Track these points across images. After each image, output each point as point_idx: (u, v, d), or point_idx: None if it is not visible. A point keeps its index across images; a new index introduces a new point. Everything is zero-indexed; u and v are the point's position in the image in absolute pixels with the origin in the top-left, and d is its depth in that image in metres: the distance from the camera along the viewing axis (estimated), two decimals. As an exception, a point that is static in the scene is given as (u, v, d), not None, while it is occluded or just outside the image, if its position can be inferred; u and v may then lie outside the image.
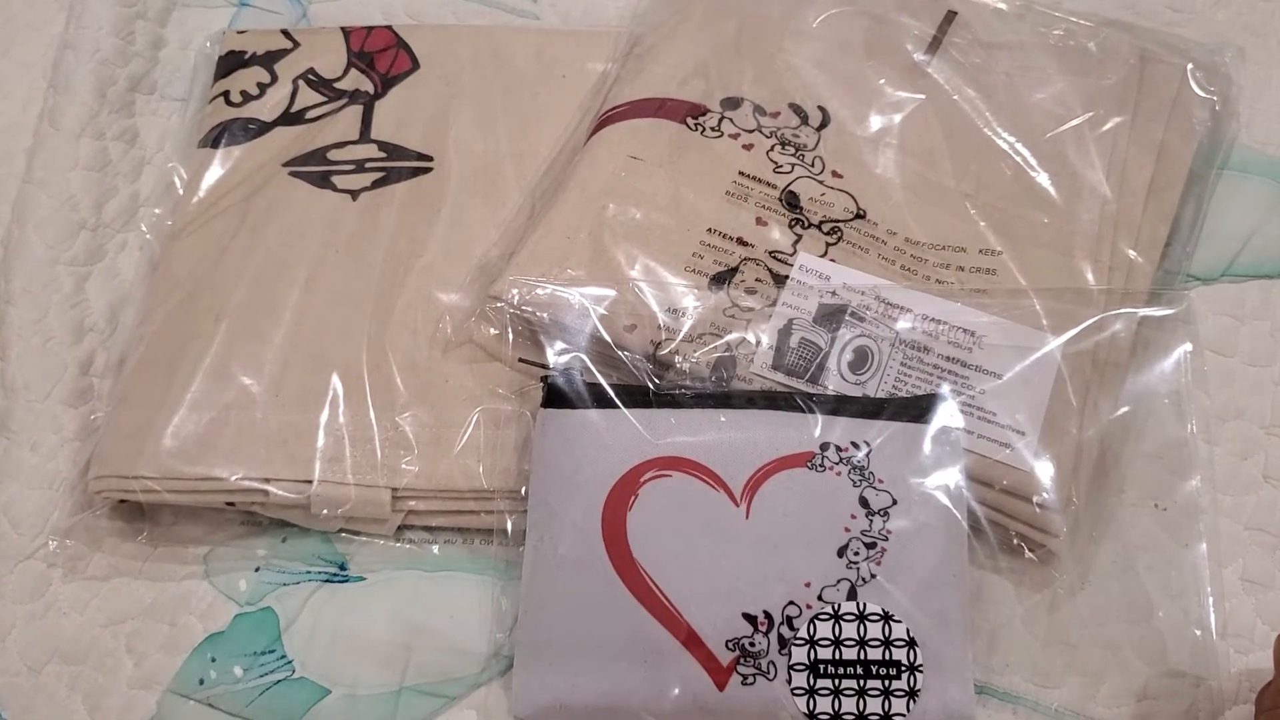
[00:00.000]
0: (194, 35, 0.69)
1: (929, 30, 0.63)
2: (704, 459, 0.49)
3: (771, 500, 0.49)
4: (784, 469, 0.49)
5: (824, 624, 0.47)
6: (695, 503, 0.49)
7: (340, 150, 0.62)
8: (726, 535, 0.48)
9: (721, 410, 0.51)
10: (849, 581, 0.48)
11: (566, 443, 0.50)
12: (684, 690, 0.47)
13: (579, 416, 0.50)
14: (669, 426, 0.50)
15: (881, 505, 0.49)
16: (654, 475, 0.49)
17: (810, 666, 0.47)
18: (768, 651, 0.47)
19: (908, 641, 0.47)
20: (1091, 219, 0.57)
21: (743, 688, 0.47)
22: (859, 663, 0.47)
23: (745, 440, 0.50)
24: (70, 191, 0.61)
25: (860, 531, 0.48)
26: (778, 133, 0.60)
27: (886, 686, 0.47)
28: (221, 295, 0.57)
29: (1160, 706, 0.51)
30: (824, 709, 0.47)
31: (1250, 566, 0.53)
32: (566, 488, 0.49)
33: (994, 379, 0.53)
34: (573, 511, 0.49)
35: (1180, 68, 0.61)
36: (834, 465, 0.49)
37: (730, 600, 0.47)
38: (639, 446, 0.50)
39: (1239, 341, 0.58)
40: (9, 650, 0.53)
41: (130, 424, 0.54)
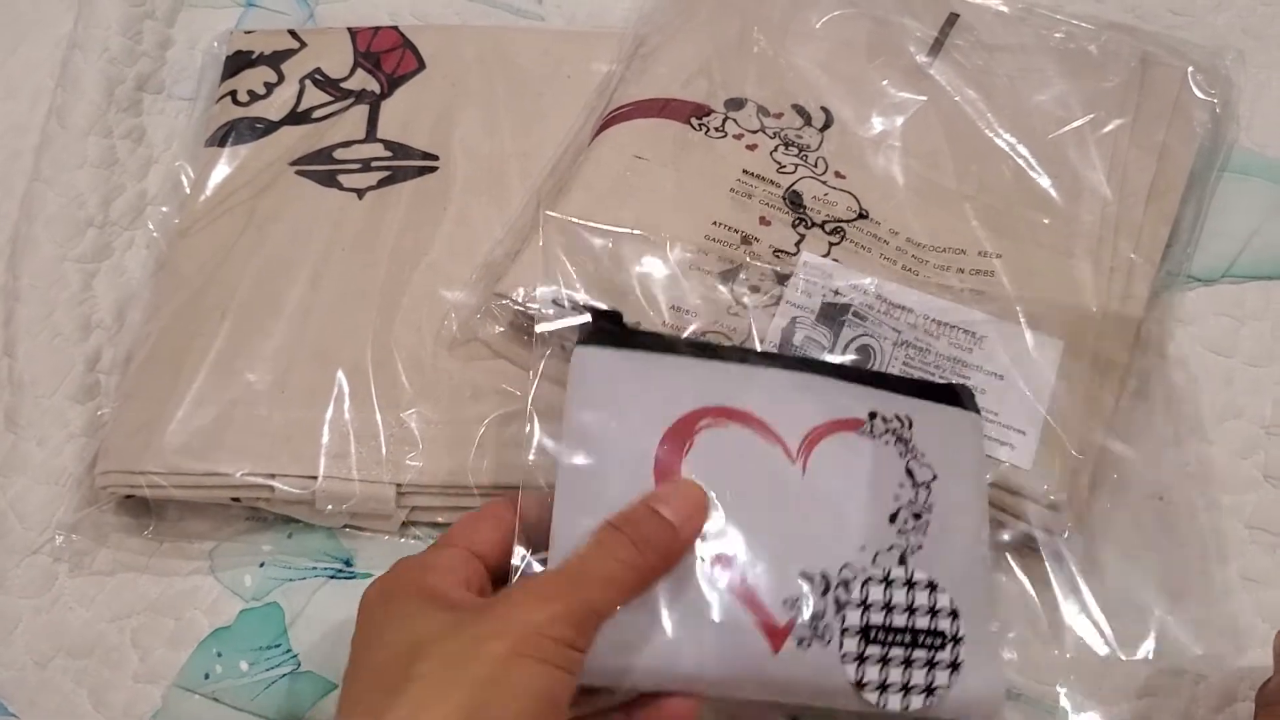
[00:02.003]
0: (201, 35, 0.69)
1: (931, 32, 0.63)
2: (759, 412, 0.46)
3: (828, 460, 0.46)
4: (838, 431, 0.47)
5: (877, 588, 0.45)
6: (753, 454, 0.46)
7: (346, 149, 0.62)
8: (784, 491, 0.46)
9: (770, 368, 0.49)
10: (899, 549, 0.46)
11: (611, 384, 0.47)
12: (738, 651, 0.43)
13: (629, 356, 0.47)
14: (718, 377, 0.47)
15: (924, 479, 0.48)
16: (710, 422, 0.46)
17: (862, 631, 0.44)
18: (824, 614, 0.44)
19: (952, 612, 0.46)
20: (1092, 220, 0.57)
21: (798, 650, 0.44)
22: (907, 630, 0.45)
23: (798, 399, 0.48)
24: (78, 189, 0.62)
25: (908, 501, 0.47)
26: (781, 133, 0.60)
27: (931, 657, 0.45)
28: (228, 292, 0.57)
29: (1160, 703, 0.51)
30: (871, 677, 0.44)
31: (1250, 565, 0.54)
32: (613, 431, 0.45)
33: (994, 379, 0.53)
34: (620, 455, 0.45)
35: (1181, 70, 0.62)
36: (882, 434, 0.48)
37: (788, 558, 0.45)
38: (692, 392, 0.46)
39: (1239, 342, 0.58)
40: (15, 644, 0.53)
41: (137, 420, 0.54)
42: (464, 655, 0.37)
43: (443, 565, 0.42)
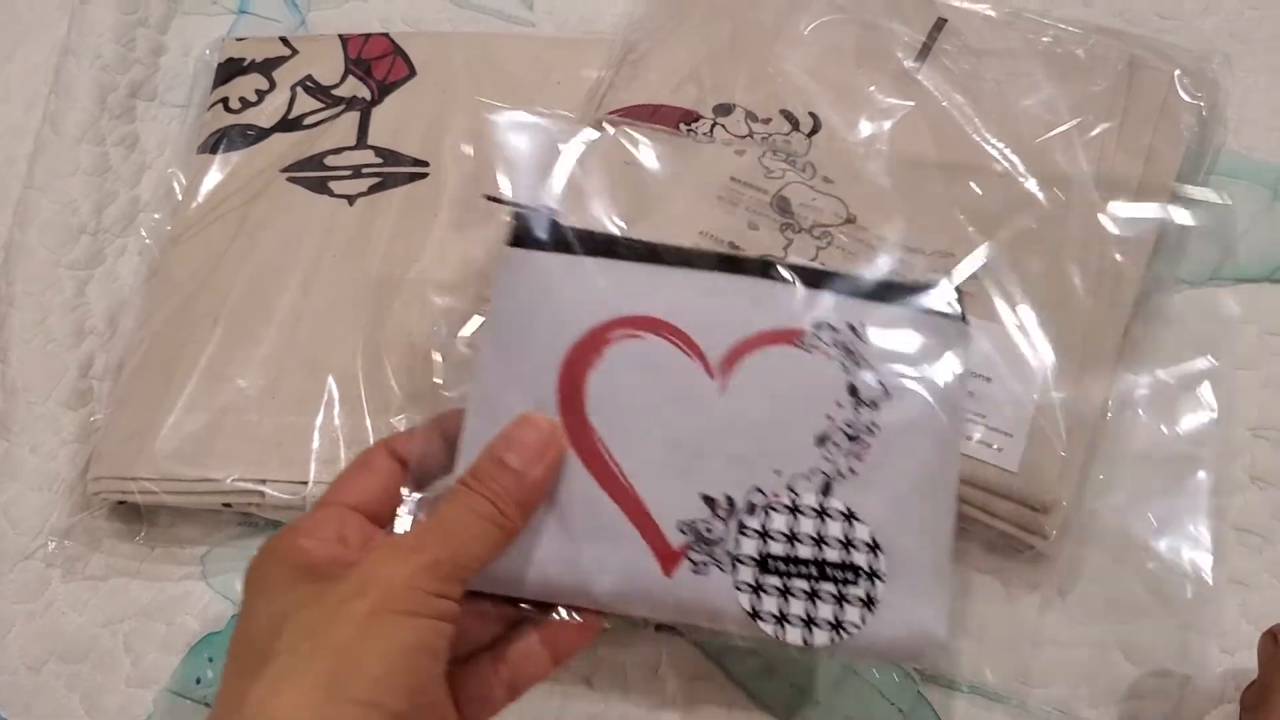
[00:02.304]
0: (194, 42, 0.69)
1: (919, 37, 0.63)
2: (682, 323, 0.44)
3: (751, 376, 0.43)
4: (769, 344, 0.44)
5: (780, 516, 0.43)
6: (666, 369, 0.43)
7: (338, 156, 0.62)
8: (696, 409, 0.43)
9: (704, 271, 0.45)
10: (824, 474, 0.43)
11: (530, 288, 0.45)
12: (627, 570, 0.42)
13: (546, 260, 0.45)
14: (646, 283, 0.45)
15: (872, 397, 0.44)
16: (624, 335, 0.44)
17: (759, 561, 0.42)
18: (725, 540, 0.42)
19: (870, 545, 0.43)
20: (1079, 224, 0.58)
21: (692, 575, 0.42)
22: (814, 562, 0.42)
23: (729, 308, 0.45)
24: (71, 196, 0.62)
25: (844, 422, 0.43)
26: (769, 139, 0.60)
27: (841, 592, 0.42)
28: (219, 299, 0.58)
29: (1147, 705, 0.51)
30: (769, 609, 0.42)
31: (1237, 567, 0.54)
32: (524, 338, 0.44)
33: (982, 381, 0.53)
34: (527, 365, 0.44)
35: (1168, 74, 0.62)
36: (825, 346, 0.44)
37: (690, 479, 0.43)
38: (611, 302, 0.44)
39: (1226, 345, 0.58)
40: (8, 649, 0.53)
41: (129, 426, 0.55)
42: (324, 622, 0.36)
43: (314, 528, 0.41)
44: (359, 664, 0.36)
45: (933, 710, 0.51)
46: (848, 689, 0.52)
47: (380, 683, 0.36)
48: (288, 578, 0.39)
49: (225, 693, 0.37)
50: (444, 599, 0.38)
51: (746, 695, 0.52)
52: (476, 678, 0.43)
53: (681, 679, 0.52)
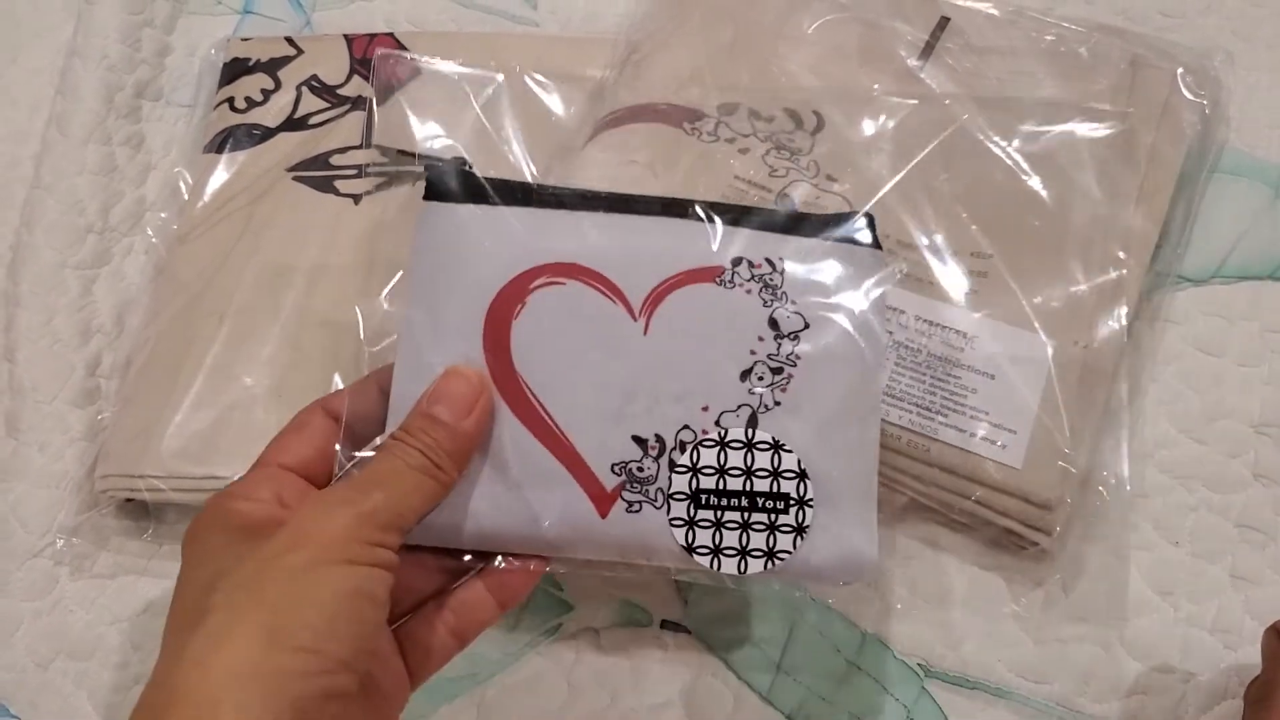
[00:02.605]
0: (199, 42, 0.70)
1: (922, 36, 0.63)
2: (602, 268, 0.45)
3: (673, 316, 0.44)
4: (689, 283, 0.45)
5: (709, 451, 0.44)
6: (589, 314, 0.44)
7: (343, 155, 0.63)
8: (621, 351, 0.44)
9: (621, 214, 0.46)
10: (750, 408, 0.44)
11: (449, 240, 0.45)
12: (564, 515, 0.43)
13: (464, 212, 0.45)
14: (564, 230, 0.45)
15: (792, 329, 0.45)
16: (545, 282, 0.44)
17: (691, 496, 0.43)
18: (657, 478, 0.43)
19: (798, 474, 0.44)
20: (1082, 222, 0.58)
21: (627, 515, 0.43)
22: (743, 493, 0.44)
23: (648, 250, 0.45)
24: (77, 196, 0.62)
25: (767, 355, 0.44)
26: (773, 137, 0.61)
27: (772, 521, 0.43)
28: (225, 297, 0.58)
29: (1150, 701, 0.51)
30: (703, 542, 0.43)
31: (1239, 563, 0.54)
32: (446, 290, 0.44)
33: (986, 379, 0.54)
34: (451, 316, 0.44)
35: (1170, 72, 0.62)
36: (745, 282, 0.45)
37: (620, 421, 0.44)
38: (530, 250, 0.45)
39: (1229, 342, 0.59)
40: (16, 646, 0.53)
41: (136, 424, 0.55)
42: (261, 575, 0.36)
43: (250, 489, 0.41)
44: (298, 613, 0.36)
45: (937, 706, 0.52)
46: (853, 685, 0.52)
47: (321, 630, 0.36)
48: (224, 540, 0.39)
49: (164, 653, 0.37)
50: (381, 548, 0.38)
51: (751, 691, 0.52)
52: (423, 628, 0.44)
53: (686, 675, 0.52)
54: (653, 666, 0.53)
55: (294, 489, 0.42)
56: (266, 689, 0.34)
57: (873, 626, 0.53)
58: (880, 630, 0.53)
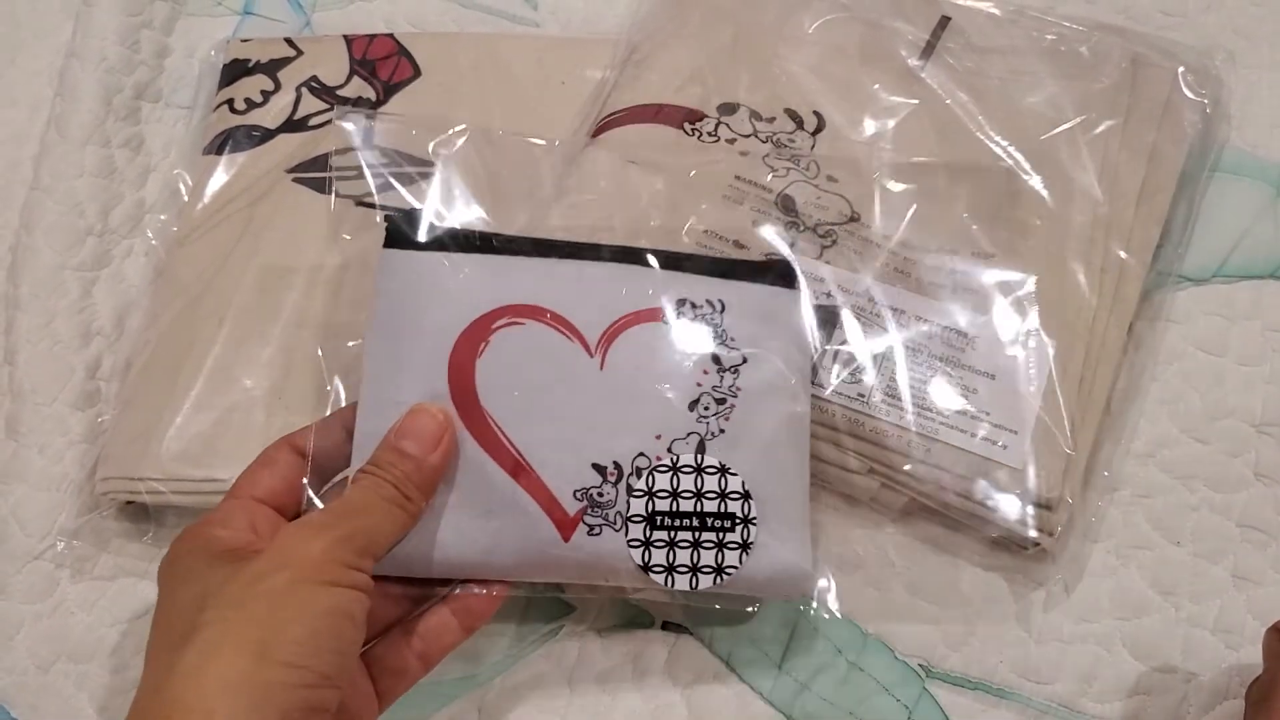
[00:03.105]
0: (199, 44, 0.69)
1: (923, 36, 0.63)
2: (560, 308, 0.48)
3: (626, 352, 0.48)
4: (639, 322, 0.49)
5: (662, 476, 0.47)
6: (549, 352, 0.48)
7: (343, 156, 0.63)
8: (579, 386, 0.47)
9: (574, 260, 0.50)
10: (698, 435, 0.48)
11: (412, 286, 0.48)
12: (529, 540, 0.46)
13: (426, 259, 0.48)
14: (521, 275, 0.49)
15: (733, 363, 0.49)
16: (507, 322, 0.48)
17: (647, 518, 0.47)
18: (615, 502, 0.47)
19: (742, 494, 0.47)
20: (1084, 221, 0.58)
21: (589, 537, 0.46)
22: (694, 514, 0.47)
23: (601, 292, 0.49)
24: (77, 198, 0.62)
25: (711, 387, 0.48)
26: (773, 137, 0.60)
27: (720, 539, 0.47)
28: (225, 300, 0.58)
29: (1152, 701, 0.51)
30: (658, 561, 0.47)
31: (1241, 563, 0.54)
32: (410, 331, 0.47)
33: (987, 379, 0.53)
34: (415, 356, 0.47)
35: (1171, 71, 0.62)
36: (689, 321, 0.49)
37: (580, 450, 0.47)
38: (491, 292, 0.48)
39: (1230, 341, 0.58)
40: (17, 649, 0.53)
41: (136, 427, 0.55)
42: (247, 594, 0.38)
43: (226, 519, 0.43)
44: (284, 630, 0.38)
45: (938, 706, 0.52)
46: (853, 685, 0.52)
47: (306, 646, 0.38)
48: (206, 563, 0.41)
49: (150, 669, 0.39)
50: (357, 571, 0.40)
51: (753, 692, 0.52)
52: (390, 653, 0.46)
53: (688, 675, 0.52)
54: (655, 668, 0.53)
55: (266, 519, 0.44)
56: (256, 700, 0.36)
57: (874, 627, 0.53)
58: (882, 631, 0.53)
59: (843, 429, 0.53)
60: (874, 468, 0.53)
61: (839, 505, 0.54)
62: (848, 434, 0.53)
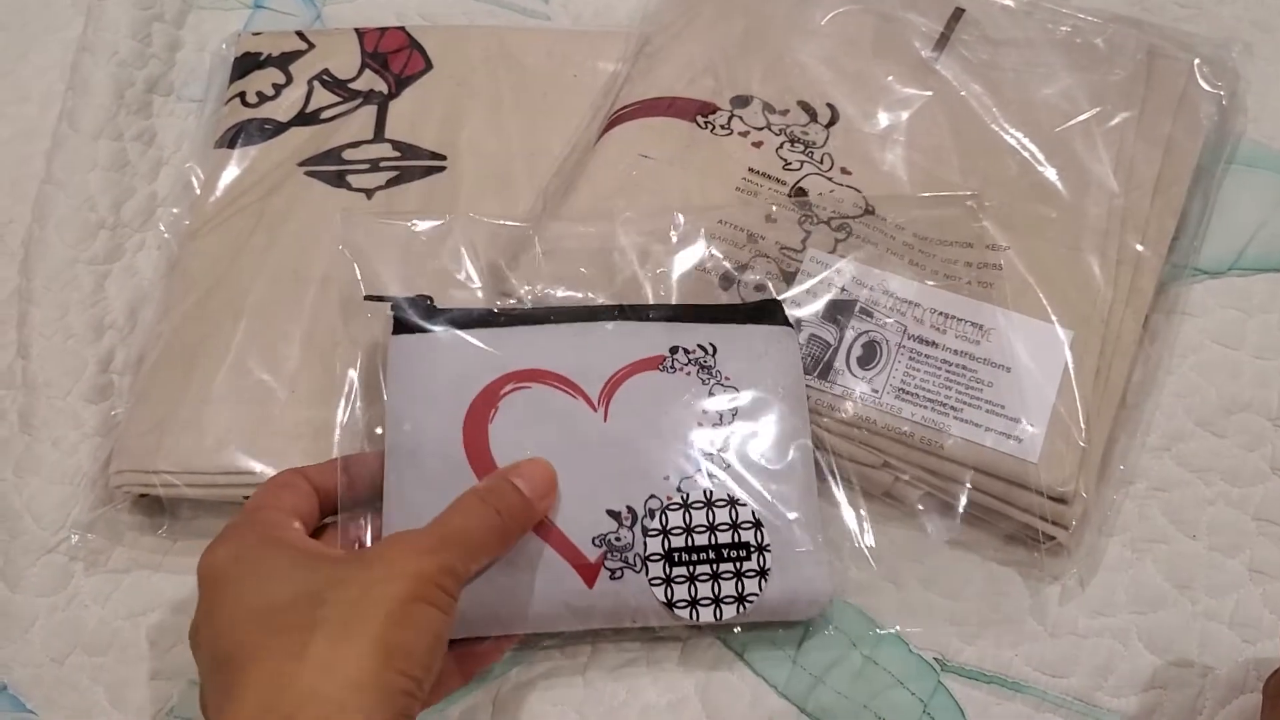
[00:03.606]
0: (210, 37, 0.69)
1: (937, 27, 0.63)
2: (560, 369, 0.51)
3: (628, 402, 0.50)
4: (637, 372, 0.51)
5: (674, 514, 0.49)
6: (555, 410, 0.50)
7: (355, 150, 0.63)
8: (586, 439, 0.50)
9: (569, 324, 0.52)
10: (704, 472, 0.50)
11: (421, 365, 0.51)
12: (555, 591, 0.48)
13: (432, 339, 0.52)
14: (522, 342, 0.52)
15: (729, 399, 0.51)
16: (513, 387, 0.50)
17: (665, 555, 0.48)
18: (633, 544, 0.48)
19: (754, 523, 0.49)
20: (1099, 213, 0.57)
21: (612, 582, 0.48)
22: (710, 547, 0.49)
23: (598, 349, 0.52)
24: (89, 192, 0.62)
25: (711, 425, 0.51)
26: (787, 130, 0.60)
27: (738, 568, 0.49)
28: (239, 293, 0.58)
29: (1168, 695, 0.51)
30: (681, 596, 0.48)
31: (1257, 557, 0.54)
32: (425, 407, 0.50)
33: (1002, 372, 0.53)
34: (432, 428, 0.49)
35: (1187, 63, 0.62)
36: (684, 366, 0.51)
37: (594, 499, 0.49)
38: (495, 361, 0.51)
39: (1246, 334, 0.58)
40: (32, 642, 0.53)
41: (150, 420, 0.55)
42: (365, 599, 0.40)
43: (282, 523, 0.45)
44: (404, 640, 0.40)
45: (953, 700, 0.51)
46: (868, 679, 0.52)
47: (418, 659, 0.40)
48: (294, 558, 0.42)
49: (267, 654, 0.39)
50: (451, 598, 0.42)
51: (768, 686, 0.52)
52: None
53: (702, 669, 0.52)
54: (669, 661, 0.52)
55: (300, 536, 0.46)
56: (379, 700, 0.38)
57: (889, 621, 0.53)
58: (897, 625, 0.53)
59: (857, 423, 0.53)
60: (888, 461, 0.53)
61: (854, 499, 0.54)
62: (862, 428, 0.53)
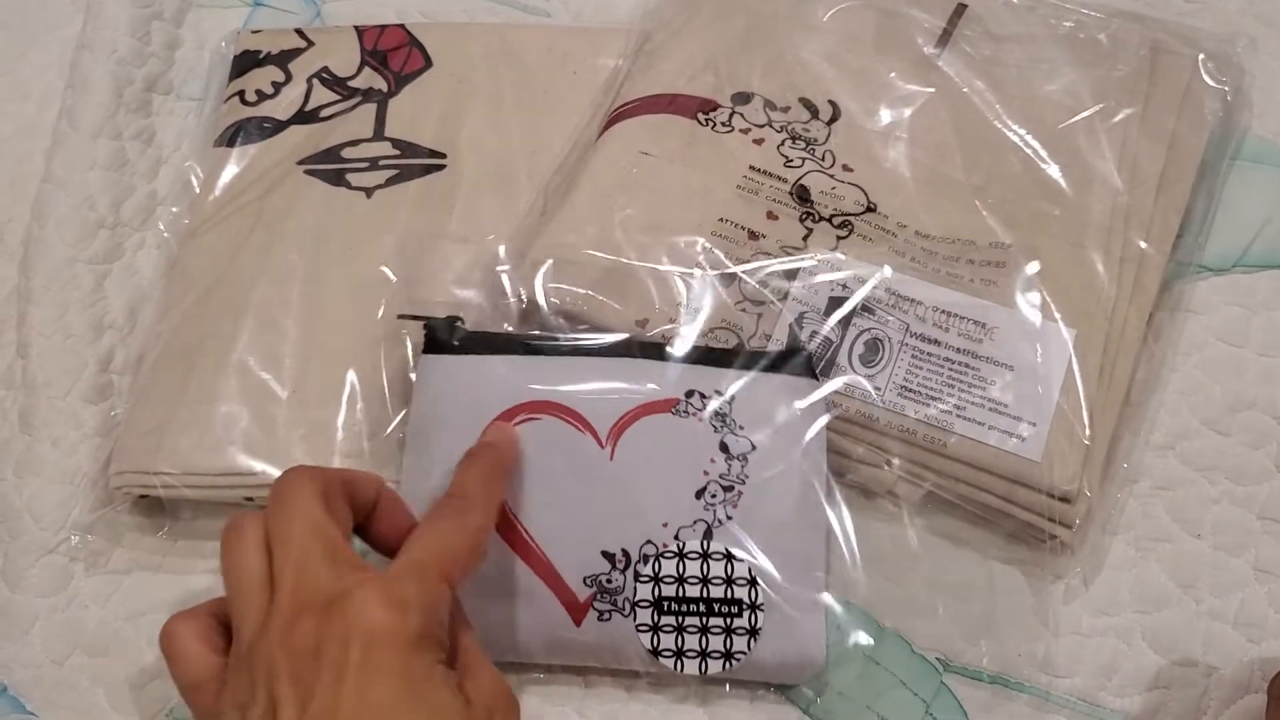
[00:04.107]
0: (209, 35, 0.69)
1: (939, 23, 0.63)
2: (572, 403, 0.51)
3: (635, 443, 0.50)
4: (649, 414, 0.51)
5: (669, 562, 0.49)
6: (562, 445, 0.50)
7: (354, 148, 0.62)
8: (590, 476, 0.50)
9: (588, 358, 0.52)
10: (705, 523, 0.49)
11: (443, 386, 0.52)
12: (542, 624, 0.48)
13: (456, 362, 0.52)
14: (540, 372, 0.52)
15: (741, 451, 0.50)
16: (524, 418, 0.51)
17: (655, 603, 0.48)
18: (624, 588, 0.48)
19: (749, 580, 0.49)
20: (1103, 210, 0.57)
21: (599, 623, 0.48)
22: (702, 600, 0.48)
23: (612, 386, 0.51)
24: (89, 191, 0.62)
25: (719, 475, 0.50)
26: (788, 127, 0.60)
27: (728, 625, 0.48)
28: (238, 292, 0.58)
29: (1172, 695, 0.51)
30: (667, 645, 0.48)
31: (1262, 556, 0.53)
32: (441, 428, 0.51)
33: (1005, 370, 0.53)
34: (444, 452, 0.49)
35: (1192, 58, 0.61)
36: (697, 411, 0.51)
37: (590, 539, 0.49)
38: (512, 390, 0.51)
39: (1251, 332, 0.58)
40: (32, 643, 0.53)
41: (149, 420, 0.55)
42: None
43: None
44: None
45: (956, 700, 0.51)
46: (870, 679, 0.51)
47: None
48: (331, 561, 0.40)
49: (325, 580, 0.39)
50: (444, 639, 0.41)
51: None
52: None
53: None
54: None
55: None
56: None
57: (891, 621, 0.52)
58: (899, 625, 0.52)
59: (859, 421, 0.53)
60: (891, 460, 0.53)
61: (855, 498, 0.54)
62: (864, 426, 0.52)
